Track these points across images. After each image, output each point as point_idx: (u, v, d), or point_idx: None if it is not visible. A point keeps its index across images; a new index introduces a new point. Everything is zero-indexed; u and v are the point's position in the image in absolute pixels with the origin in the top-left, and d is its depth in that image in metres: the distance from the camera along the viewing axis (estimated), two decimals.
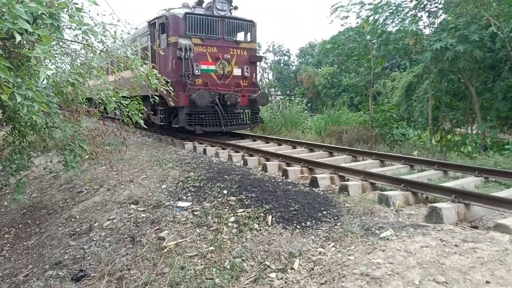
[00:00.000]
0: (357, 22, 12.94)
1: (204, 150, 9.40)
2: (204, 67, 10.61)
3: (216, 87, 10.74)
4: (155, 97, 8.15)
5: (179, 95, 9.82)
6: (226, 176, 6.45)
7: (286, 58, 43.99)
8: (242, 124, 11.44)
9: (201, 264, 4.10)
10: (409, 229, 3.76)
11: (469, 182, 5.57)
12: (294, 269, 3.59)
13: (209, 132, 11.32)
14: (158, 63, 10.64)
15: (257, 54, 13.26)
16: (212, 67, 10.77)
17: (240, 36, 11.54)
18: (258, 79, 11.59)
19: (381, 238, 3.65)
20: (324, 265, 3.47)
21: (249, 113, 11.65)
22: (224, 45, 10.94)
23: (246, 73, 11.32)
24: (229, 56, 10.93)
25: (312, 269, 3.49)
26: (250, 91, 11.50)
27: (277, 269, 3.63)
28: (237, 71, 11.20)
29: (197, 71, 10.31)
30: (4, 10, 2.61)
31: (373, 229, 3.91)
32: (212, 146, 10.03)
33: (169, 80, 8.02)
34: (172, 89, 7.38)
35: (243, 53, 11.33)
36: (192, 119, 10.46)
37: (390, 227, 3.88)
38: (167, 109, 11.12)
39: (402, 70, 22.38)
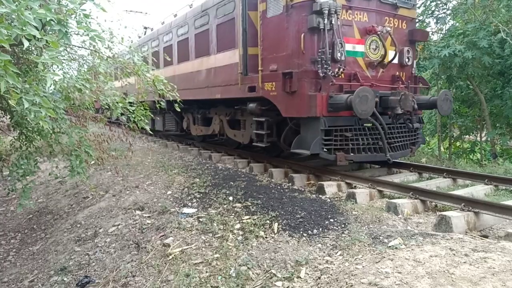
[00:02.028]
0: None
1: (210, 156, 9.38)
2: (348, 47, 6.27)
3: (370, 83, 6.41)
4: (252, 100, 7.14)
5: (307, 96, 5.91)
6: (232, 183, 6.42)
7: None
8: (405, 148, 6.91)
9: (206, 272, 4.06)
10: (418, 238, 3.70)
11: (478, 190, 5.48)
12: (300, 277, 3.53)
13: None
14: (261, 43, 6.77)
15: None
16: (360, 47, 6.47)
17: None
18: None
19: (390, 246, 3.59)
20: (331, 274, 3.41)
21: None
22: (379, 11, 6.64)
23: (407, 60, 7.01)
24: (384, 31, 6.54)
25: (319, 278, 3.44)
26: (414, 89, 7.17)
27: (283, 277, 3.58)
28: (394, 56, 6.74)
29: (340, 53, 5.94)
30: (13, 16, 2.62)
31: (381, 237, 3.85)
32: (218, 152, 10.02)
33: (286, 71, 6.06)
34: (293, 89, 5.93)
35: (402, 25, 7.05)
36: (331, 139, 6.00)
37: (399, 235, 3.82)
38: (274, 121, 7.15)
39: None
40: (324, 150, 5.97)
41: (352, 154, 6.10)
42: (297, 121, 6.52)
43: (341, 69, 5.95)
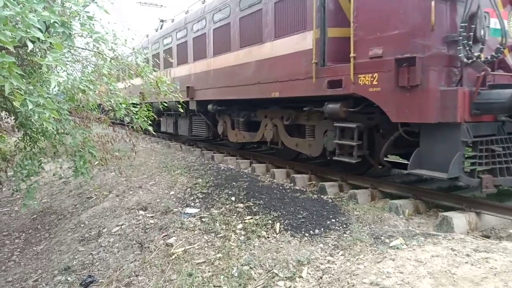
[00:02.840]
0: None
1: (212, 157, 9.42)
2: (490, 22, 4.70)
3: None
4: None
5: (439, 93, 4.28)
6: (234, 183, 6.44)
7: None
8: None
9: (209, 271, 4.09)
10: (419, 238, 3.71)
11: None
12: (302, 277, 3.55)
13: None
14: (355, 19, 5.07)
15: None
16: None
17: None
18: None
19: (391, 247, 3.60)
20: (333, 274, 3.42)
21: None
22: None
23: None
24: None
25: (321, 277, 3.45)
26: None
27: (285, 277, 3.60)
28: None
29: (483, 30, 4.43)
30: (17, 19, 2.66)
31: (382, 237, 3.87)
32: (221, 152, 10.04)
33: (402, 57, 4.35)
34: (414, 82, 4.22)
35: None
36: (475, 156, 4.36)
37: (400, 235, 3.83)
38: (365, 128, 5.57)
39: None
40: (469, 171, 4.37)
41: (501, 177, 4.40)
42: (413, 127, 4.75)
43: (482, 53, 4.36)
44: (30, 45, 2.56)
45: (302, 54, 5.97)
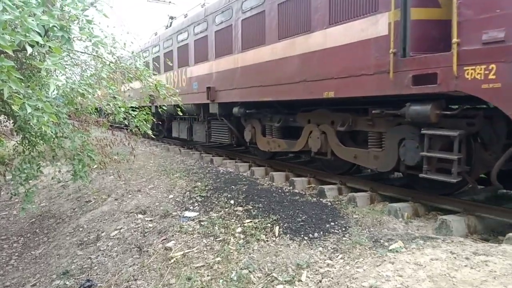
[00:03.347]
0: None
1: (211, 160, 9.41)
2: None
3: None
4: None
5: None
6: (233, 186, 6.44)
7: None
8: None
9: (208, 275, 4.07)
10: (418, 241, 3.70)
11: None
12: (301, 281, 3.54)
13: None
14: None
15: None
16: None
17: None
18: None
19: (390, 250, 3.59)
20: (332, 278, 3.42)
21: None
22: None
23: None
24: None
25: (320, 281, 3.44)
26: None
27: (285, 281, 3.59)
28: None
29: None
30: (16, 23, 2.66)
31: (382, 240, 3.86)
32: (219, 156, 10.04)
33: None
34: None
35: None
36: None
37: (399, 239, 3.82)
38: (464, 137, 4.38)
39: None
40: None
41: None
42: None
43: None
44: (29, 49, 2.57)
45: (370, 43, 4.85)
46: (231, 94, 8.18)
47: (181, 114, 6.87)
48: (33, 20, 2.63)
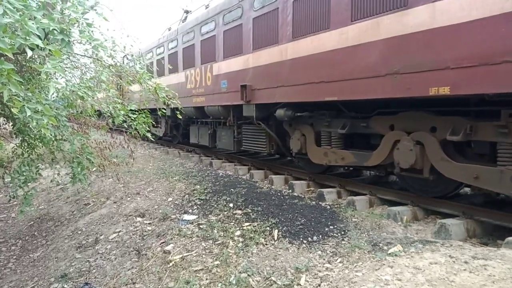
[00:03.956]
0: None
1: (211, 163, 9.41)
2: None
3: None
4: None
5: None
6: (232, 189, 6.44)
7: None
8: None
9: (207, 279, 4.06)
10: (417, 245, 3.70)
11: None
12: (300, 285, 3.53)
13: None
14: None
15: None
16: None
17: None
18: None
19: (389, 254, 3.59)
20: (331, 282, 3.41)
21: None
22: None
23: None
24: None
25: (319, 285, 3.44)
26: None
27: (283, 285, 3.58)
28: None
29: None
30: (17, 25, 2.67)
31: (381, 244, 3.86)
32: (219, 159, 10.03)
33: None
34: None
35: None
36: None
37: (398, 242, 3.82)
38: None
39: None
40: None
41: None
42: None
43: None
44: (29, 52, 2.57)
45: None
46: (274, 93, 6.68)
47: (176, 116, 6.80)
48: (33, 23, 2.64)
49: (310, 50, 5.86)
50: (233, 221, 5.15)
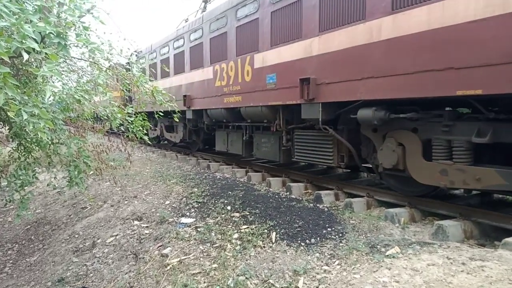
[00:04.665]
0: None
1: (208, 166, 9.40)
2: None
3: None
4: None
5: None
6: (230, 192, 6.43)
7: None
8: None
9: (204, 282, 4.05)
10: (415, 247, 3.71)
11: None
12: (298, 287, 3.53)
13: None
14: None
15: None
16: None
17: None
18: None
19: (387, 255, 3.59)
20: (329, 284, 3.41)
21: None
22: None
23: None
24: None
25: (317, 287, 3.43)
26: None
27: (282, 287, 3.57)
28: None
29: None
30: (13, 29, 2.66)
31: (378, 246, 3.86)
32: (216, 161, 10.02)
33: None
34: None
35: None
36: None
37: (396, 244, 3.83)
38: None
39: None
40: None
41: None
42: None
43: None
44: (26, 56, 2.57)
45: None
46: (356, 88, 5.03)
47: (176, 117, 5.96)
48: (29, 27, 2.64)
49: (427, 23, 4.16)
50: (231, 224, 5.14)
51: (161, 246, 5.07)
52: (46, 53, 2.74)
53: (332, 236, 4.34)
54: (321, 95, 5.62)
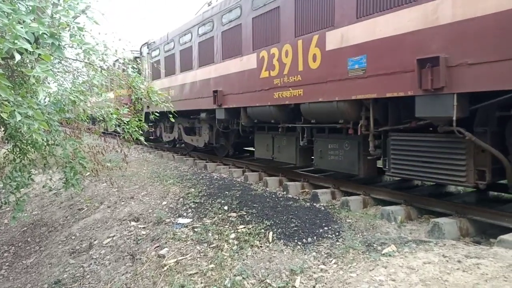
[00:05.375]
0: None
1: (205, 166, 9.39)
2: None
3: None
4: None
5: None
6: (227, 192, 6.42)
7: None
8: None
9: (201, 283, 4.04)
10: (411, 245, 3.72)
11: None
12: (295, 287, 3.52)
13: None
14: None
15: None
16: None
17: None
18: None
19: (383, 254, 3.60)
20: (325, 283, 3.41)
21: None
22: None
23: None
24: None
25: (314, 286, 3.44)
26: None
27: (278, 287, 3.57)
28: None
29: None
30: (5, 29, 2.65)
31: (375, 245, 3.87)
32: (213, 161, 10.01)
33: None
34: None
35: None
36: None
37: (392, 242, 3.83)
38: None
39: None
40: None
41: None
42: None
43: None
44: (18, 56, 2.55)
45: None
46: None
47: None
48: (22, 28, 2.62)
49: None
50: (228, 224, 5.14)
51: (158, 246, 5.06)
52: (39, 54, 2.72)
53: (329, 235, 4.34)
54: (458, 81, 3.87)
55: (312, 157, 6.72)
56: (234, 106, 7.67)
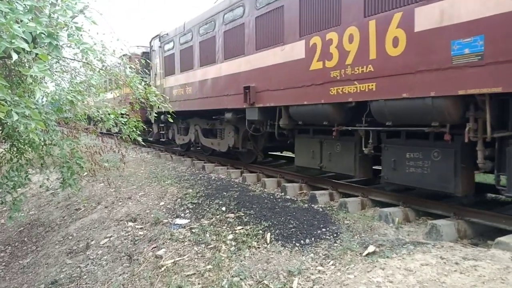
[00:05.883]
0: None
1: (203, 167, 9.37)
2: None
3: None
4: None
5: None
6: (225, 193, 6.41)
7: None
8: None
9: (199, 284, 4.03)
10: (409, 247, 3.71)
11: None
12: None
13: None
14: None
15: None
16: None
17: None
18: None
19: (381, 256, 3.60)
20: (323, 284, 3.40)
21: None
22: None
23: None
24: None
25: None
26: None
27: None
28: None
29: None
30: (2, 28, 2.63)
31: (372, 246, 3.86)
32: (211, 162, 9.99)
33: None
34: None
35: None
36: None
37: (390, 244, 3.83)
38: None
39: None
40: None
41: None
42: None
43: None
44: (15, 56, 2.54)
45: None
46: None
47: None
48: (19, 27, 2.61)
49: None
50: (226, 224, 5.13)
51: (155, 247, 5.04)
52: (36, 54, 2.71)
53: (327, 237, 4.34)
54: None
55: (374, 167, 5.63)
56: (272, 104, 6.41)
